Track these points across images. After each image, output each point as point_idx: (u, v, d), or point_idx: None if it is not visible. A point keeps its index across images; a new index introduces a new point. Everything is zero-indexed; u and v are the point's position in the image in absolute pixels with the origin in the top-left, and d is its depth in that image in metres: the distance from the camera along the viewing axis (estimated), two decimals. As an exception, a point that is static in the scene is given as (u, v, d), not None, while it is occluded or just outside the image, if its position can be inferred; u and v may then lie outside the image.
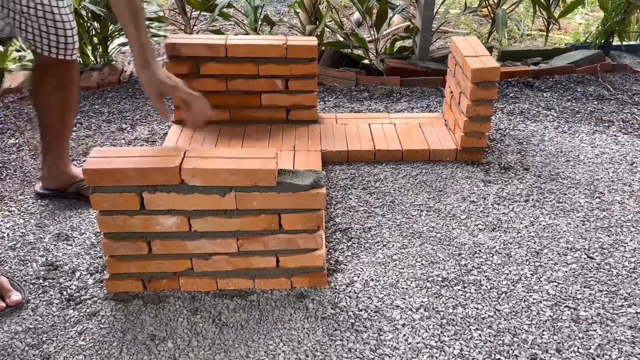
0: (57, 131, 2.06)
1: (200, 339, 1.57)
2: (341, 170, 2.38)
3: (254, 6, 3.37)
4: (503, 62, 3.56)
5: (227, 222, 1.60)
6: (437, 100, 3.05)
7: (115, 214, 1.58)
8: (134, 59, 1.72)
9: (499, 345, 1.56)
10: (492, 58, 2.33)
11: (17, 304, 1.67)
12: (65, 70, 1.96)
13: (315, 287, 1.75)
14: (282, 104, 2.54)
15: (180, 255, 1.66)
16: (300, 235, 1.64)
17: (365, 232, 2.00)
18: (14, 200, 2.17)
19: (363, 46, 3.40)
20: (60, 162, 2.11)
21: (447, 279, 1.79)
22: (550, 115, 2.89)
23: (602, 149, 2.58)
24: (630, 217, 2.11)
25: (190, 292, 1.72)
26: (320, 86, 3.15)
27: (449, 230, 2.02)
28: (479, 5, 3.92)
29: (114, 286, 1.71)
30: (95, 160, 1.53)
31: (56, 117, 2.03)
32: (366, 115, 2.76)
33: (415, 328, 1.61)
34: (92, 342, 1.56)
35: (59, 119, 2.03)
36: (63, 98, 2.00)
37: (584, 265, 1.86)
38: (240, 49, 2.39)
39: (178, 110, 2.52)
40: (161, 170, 1.51)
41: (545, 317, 1.65)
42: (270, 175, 1.52)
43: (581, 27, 4.67)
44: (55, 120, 2.03)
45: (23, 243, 1.94)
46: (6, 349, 1.53)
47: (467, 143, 2.41)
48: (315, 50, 2.43)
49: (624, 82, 3.29)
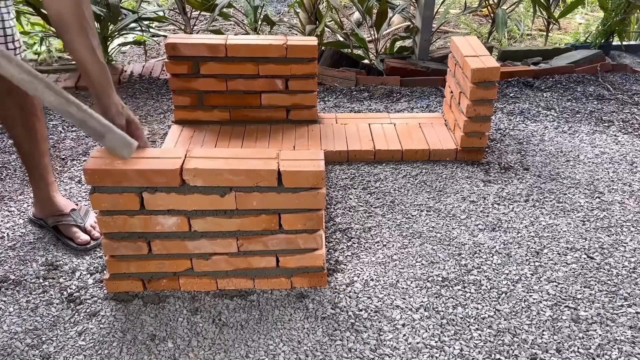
0: (29, 147, 1.87)
1: (200, 339, 1.57)
2: (341, 170, 2.38)
3: (254, 6, 3.37)
4: (503, 62, 3.56)
5: (227, 222, 1.60)
6: (437, 100, 3.05)
7: (115, 214, 1.58)
8: (94, 85, 1.53)
9: (499, 345, 1.56)
10: (492, 58, 2.33)
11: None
12: None
13: (315, 287, 1.75)
14: (282, 104, 2.54)
15: (180, 255, 1.66)
16: (300, 235, 1.64)
17: (365, 232, 2.00)
18: (14, 200, 2.17)
19: (363, 46, 3.40)
20: (44, 185, 1.94)
21: (447, 279, 1.79)
22: (550, 115, 2.89)
23: (602, 149, 2.58)
24: (630, 217, 2.11)
25: (190, 292, 1.72)
26: (320, 86, 3.15)
27: (449, 230, 2.02)
28: (479, 5, 3.92)
29: (114, 286, 1.71)
30: (96, 161, 1.53)
31: (21, 127, 1.82)
32: (366, 115, 2.76)
33: (415, 328, 1.61)
34: (92, 342, 1.56)
35: (26, 129, 1.83)
36: (20, 103, 1.77)
37: (584, 265, 1.86)
38: (240, 49, 2.39)
39: (178, 110, 2.53)
40: (162, 172, 1.51)
41: (545, 317, 1.65)
42: (271, 176, 1.52)
43: (581, 27, 4.67)
44: (22, 131, 1.83)
45: (23, 243, 1.94)
46: (6, 349, 1.53)
47: (467, 143, 2.41)
48: (315, 50, 2.43)
49: (624, 82, 3.29)
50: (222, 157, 1.56)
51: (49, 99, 1.41)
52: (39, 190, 1.96)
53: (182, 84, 2.46)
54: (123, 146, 1.51)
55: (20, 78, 1.38)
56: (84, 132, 1.49)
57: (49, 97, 1.40)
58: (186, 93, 2.49)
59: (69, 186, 2.26)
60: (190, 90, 2.48)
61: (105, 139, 1.48)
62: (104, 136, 1.48)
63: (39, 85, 1.39)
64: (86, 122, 1.45)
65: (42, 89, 1.39)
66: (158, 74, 3.30)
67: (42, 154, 1.91)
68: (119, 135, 1.50)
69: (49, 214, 1.96)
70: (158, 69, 3.37)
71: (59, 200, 1.98)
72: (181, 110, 2.53)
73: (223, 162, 1.53)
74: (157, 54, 4.11)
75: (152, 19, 3.53)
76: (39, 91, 1.39)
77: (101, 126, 1.47)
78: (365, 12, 3.37)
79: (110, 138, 1.49)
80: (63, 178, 2.31)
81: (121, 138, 1.50)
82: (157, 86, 3.16)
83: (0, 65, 1.36)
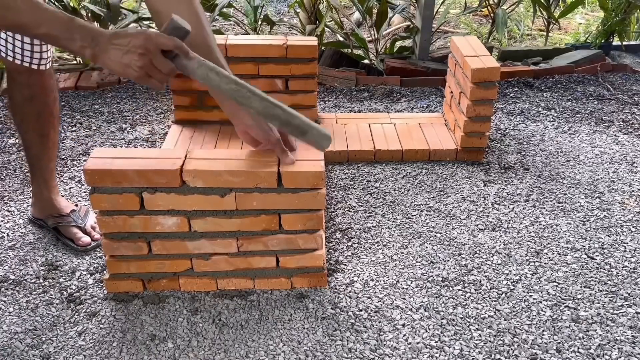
0: (39, 151, 1.88)
1: (200, 339, 1.57)
2: (341, 170, 2.38)
3: (254, 6, 3.37)
4: (503, 62, 3.56)
5: (227, 222, 1.60)
6: (437, 100, 3.05)
7: (115, 214, 1.58)
8: (230, 107, 1.50)
9: (499, 345, 1.56)
10: (492, 58, 2.33)
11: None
12: (36, 80, 1.76)
13: (315, 287, 1.75)
14: (282, 104, 2.54)
15: (180, 255, 1.66)
16: (300, 235, 1.64)
17: (365, 232, 2.00)
18: (14, 200, 2.17)
19: (363, 46, 3.40)
20: (45, 188, 1.95)
21: (447, 279, 1.79)
22: (550, 115, 2.89)
23: (602, 149, 2.58)
24: (630, 217, 2.11)
25: (190, 292, 1.72)
26: (320, 86, 3.15)
27: (449, 230, 2.02)
28: (479, 5, 3.92)
29: (114, 286, 1.71)
30: (96, 161, 1.53)
31: (35, 132, 1.85)
32: (366, 115, 2.76)
33: (415, 328, 1.61)
34: (92, 342, 1.56)
35: (39, 135, 1.85)
36: (39, 111, 1.81)
37: (584, 265, 1.86)
38: (240, 49, 2.38)
39: (178, 110, 2.53)
40: (162, 173, 1.51)
41: (545, 317, 1.65)
42: (271, 177, 1.52)
43: (581, 27, 4.67)
44: (35, 137, 1.85)
45: (23, 243, 1.94)
46: (6, 349, 1.53)
47: (467, 143, 2.41)
48: (315, 50, 2.42)
49: (624, 82, 3.29)
50: (221, 158, 1.56)
51: (255, 105, 1.41)
52: (39, 193, 1.96)
53: (182, 84, 2.46)
54: (323, 139, 1.51)
55: (229, 88, 1.38)
56: (286, 131, 1.50)
57: (255, 103, 1.40)
58: (186, 93, 2.49)
59: (69, 186, 2.26)
60: (190, 90, 2.48)
61: (308, 135, 1.49)
62: (307, 132, 1.48)
63: (246, 92, 1.39)
64: (290, 121, 1.46)
65: (249, 96, 1.39)
66: (158, 74, 3.30)
67: (50, 160, 1.92)
68: (320, 130, 1.50)
69: (49, 215, 1.96)
70: (158, 69, 3.36)
71: (59, 202, 1.97)
72: (181, 110, 2.53)
73: (223, 164, 1.53)
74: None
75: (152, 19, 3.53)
76: (246, 98, 1.39)
77: (304, 124, 1.47)
78: (365, 12, 3.37)
79: (312, 133, 1.49)
80: (63, 178, 2.31)
81: (322, 132, 1.50)
82: (157, 86, 3.15)
83: (210, 78, 1.36)
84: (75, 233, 1.91)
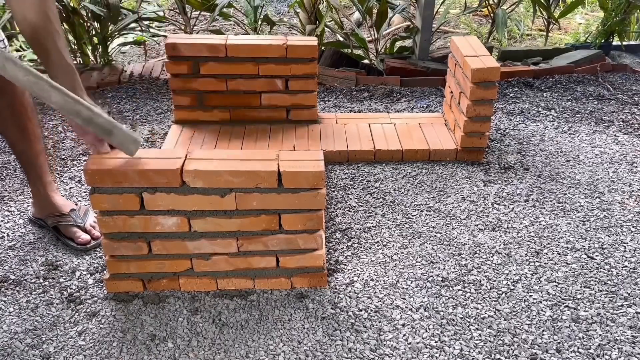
0: (24, 147, 1.86)
1: (200, 339, 1.57)
2: (341, 170, 2.39)
3: (254, 6, 3.37)
4: (503, 62, 3.56)
5: (227, 223, 1.60)
6: (437, 100, 3.05)
7: (115, 214, 1.58)
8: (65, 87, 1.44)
9: (499, 345, 1.56)
10: (492, 58, 2.33)
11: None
12: (11, 89, 1.73)
13: (315, 287, 1.75)
14: (282, 104, 2.54)
15: (180, 255, 1.66)
16: (300, 235, 1.64)
17: (365, 232, 2.00)
18: (14, 200, 2.17)
19: (363, 46, 3.40)
20: (41, 185, 1.94)
21: (447, 279, 1.79)
22: (550, 115, 2.89)
23: (602, 149, 2.58)
24: (630, 217, 2.11)
25: (190, 292, 1.72)
26: (320, 86, 3.15)
27: (449, 230, 2.02)
28: (479, 5, 3.92)
29: (114, 286, 1.71)
30: (96, 161, 1.53)
31: (14, 127, 1.82)
32: (366, 115, 2.76)
33: (415, 328, 1.61)
34: (92, 342, 1.56)
35: (19, 130, 1.82)
36: (9, 103, 1.76)
37: (584, 265, 1.86)
38: (240, 49, 2.39)
39: (178, 110, 2.53)
40: (162, 173, 1.51)
41: (545, 317, 1.65)
42: (271, 177, 1.52)
43: (581, 27, 4.67)
44: (16, 132, 1.83)
45: (23, 243, 1.94)
46: (6, 349, 1.53)
47: (467, 143, 2.41)
48: (315, 50, 2.43)
49: (624, 82, 3.29)
50: (221, 159, 1.56)
51: (55, 99, 1.40)
52: (36, 190, 1.96)
53: (182, 84, 2.46)
54: (130, 142, 1.51)
55: (26, 80, 1.37)
56: (91, 130, 1.48)
57: (55, 97, 1.40)
58: (186, 93, 2.49)
59: (69, 186, 2.26)
60: (190, 90, 2.48)
61: (113, 136, 1.48)
62: (112, 133, 1.48)
63: (44, 85, 1.38)
64: (93, 119, 1.45)
65: (48, 89, 1.39)
66: (158, 74, 3.30)
67: (36, 154, 1.90)
68: (126, 132, 1.50)
69: (49, 215, 1.96)
70: (158, 69, 3.37)
71: (57, 200, 1.97)
72: (181, 110, 2.53)
73: (223, 164, 1.53)
74: (157, 54, 4.10)
75: (152, 19, 3.53)
76: (45, 91, 1.39)
77: (108, 123, 1.47)
78: (365, 12, 3.37)
79: (117, 135, 1.49)
80: (63, 178, 2.31)
81: (128, 134, 1.50)
82: (157, 86, 3.16)
83: (6, 68, 1.35)
84: (75, 232, 1.91)
